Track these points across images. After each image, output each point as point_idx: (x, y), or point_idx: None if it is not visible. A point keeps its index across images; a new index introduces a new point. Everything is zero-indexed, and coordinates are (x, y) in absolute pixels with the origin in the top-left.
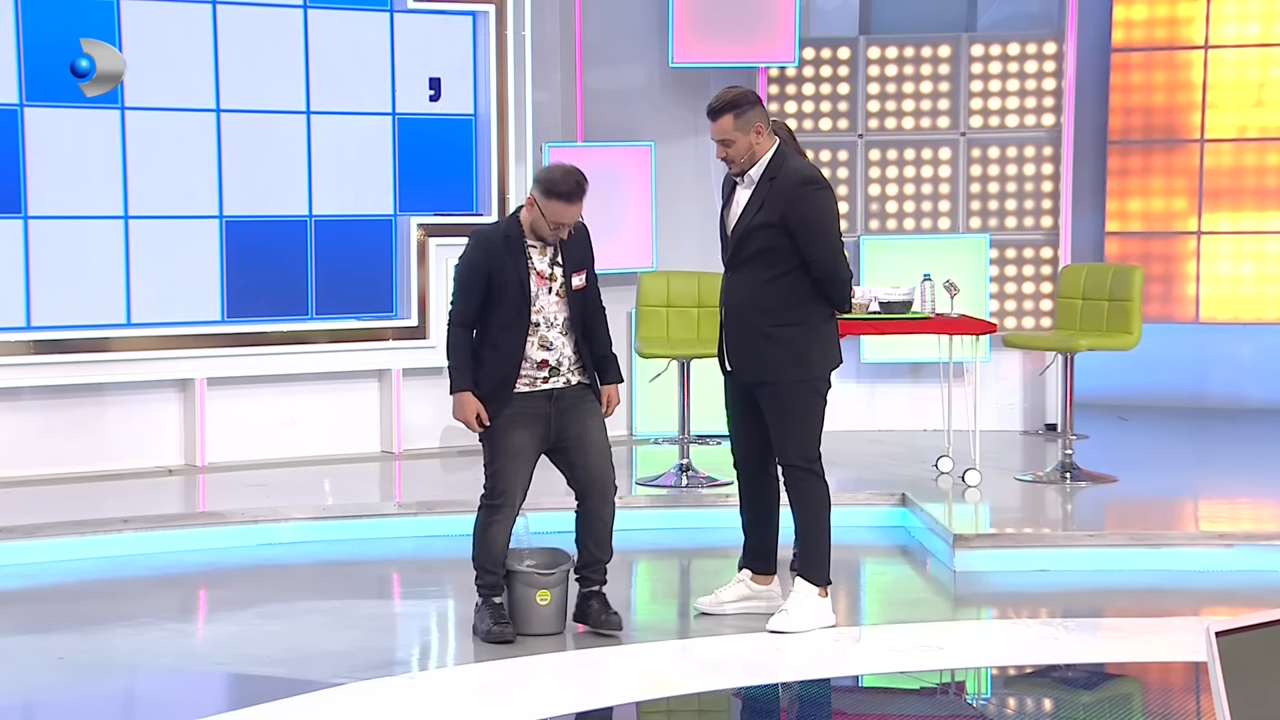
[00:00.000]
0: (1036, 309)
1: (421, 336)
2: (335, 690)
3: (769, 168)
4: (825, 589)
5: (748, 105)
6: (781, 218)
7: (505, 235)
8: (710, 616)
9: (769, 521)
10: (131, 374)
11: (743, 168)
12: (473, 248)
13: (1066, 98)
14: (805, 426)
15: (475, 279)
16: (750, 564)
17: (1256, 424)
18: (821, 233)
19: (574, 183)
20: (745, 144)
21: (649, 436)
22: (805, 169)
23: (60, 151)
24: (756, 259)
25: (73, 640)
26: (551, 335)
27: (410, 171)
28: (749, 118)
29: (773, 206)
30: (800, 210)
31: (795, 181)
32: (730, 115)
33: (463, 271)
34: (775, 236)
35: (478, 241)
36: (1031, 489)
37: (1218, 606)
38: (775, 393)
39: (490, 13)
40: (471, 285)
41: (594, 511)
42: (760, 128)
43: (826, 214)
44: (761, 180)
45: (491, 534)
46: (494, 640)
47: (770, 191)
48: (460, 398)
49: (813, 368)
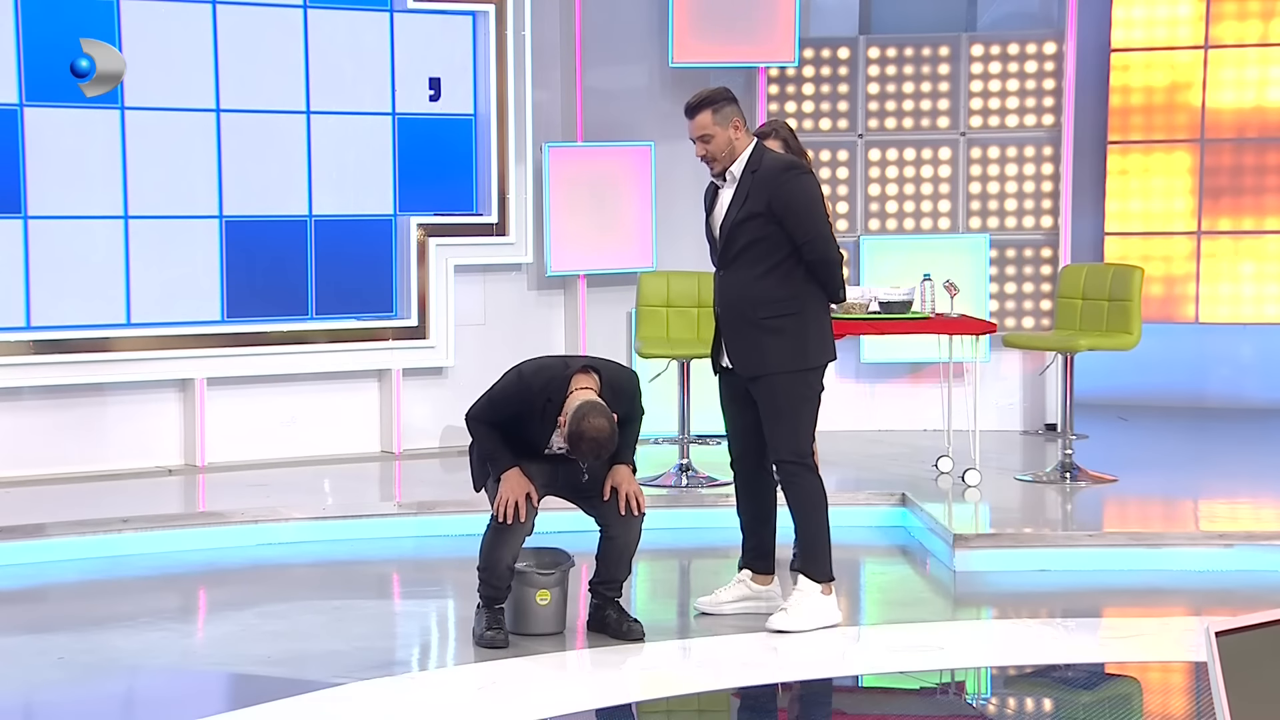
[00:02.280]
0: (1036, 309)
1: (421, 336)
2: (335, 690)
3: (749, 162)
4: (828, 586)
5: (724, 101)
6: (768, 206)
7: (548, 399)
8: (710, 617)
9: (766, 520)
10: (131, 374)
11: (723, 165)
12: (517, 390)
13: (1066, 98)
14: (798, 421)
15: (504, 410)
16: (750, 564)
17: (1256, 424)
18: (809, 215)
19: (592, 444)
20: (725, 139)
21: (649, 436)
22: (785, 158)
23: (60, 151)
24: (747, 252)
25: (73, 640)
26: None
27: (410, 171)
28: (726, 113)
29: (758, 196)
30: (785, 195)
31: (778, 168)
32: (708, 111)
33: (499, 394)
34: (763, 226)
35: (523, 388)
36: (1031, 489)
37: (1218, 606)
38: (770, 386)
39: (490, 13)
40: (499, 413)
41: (616, 535)
42: (738, 123)
43: (811, 195)
44: (744, 175)
45: (499, 553)
46: (486, 645)
47: (754, 183)
48: (510, 475)
49: (809, 358)
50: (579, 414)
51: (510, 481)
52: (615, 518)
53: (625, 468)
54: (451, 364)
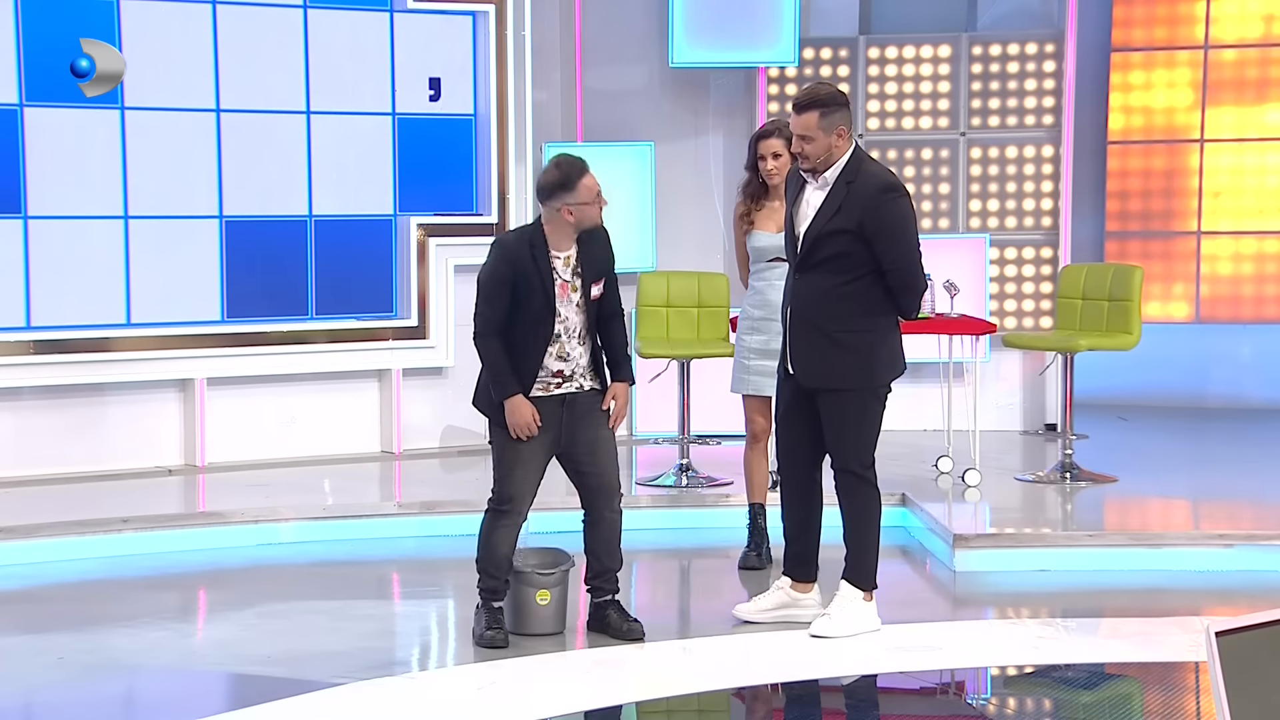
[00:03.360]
0: (1036, 309)
1: (421, 336)
2: (335, 690)
3: (845, 171)
4: (870, 594)
5: (836, 106)
6: (859, 225)
7: (530, 244)
8: (710, 618)
9: (810, 527)
10: (131, 374)
11: (815, 167)
12: (497, 257)
13: (1066, 98)
14: (863, 433)
15: (501, 288)
16: (790, 571)
17: (1256, 424)
18: (901, 241)
19: (576, 159)
20: (825, 144)
21: (649, 436)
22: (884, 174)
23: (60, 151)
24: (828, 264)
25: (73, 640)
26: (570, 345)
27: (410, 171)
28: (834, 119)
29: (850, 212)
30: (881, 218)
31: (875, 188)
32: (816, 113)
33: (487, 281)
34: (850, 243)
35: (502, 251)
36: (1031, 489)
37: (1218, 606)
38: (837, 399)
39: (490, 13)
40: (497, 294)
41: (600, 517)
42: (843, 131)
43: (906, 222)
44: (837, 183)
45: (497, 538)
46: (486, 645)
47: (847, 196)
48: (513, 403)
49: (876, 376)
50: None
51: (517, 409)
52: (598, 491)
53: (625, 386)
54: (451, 364)
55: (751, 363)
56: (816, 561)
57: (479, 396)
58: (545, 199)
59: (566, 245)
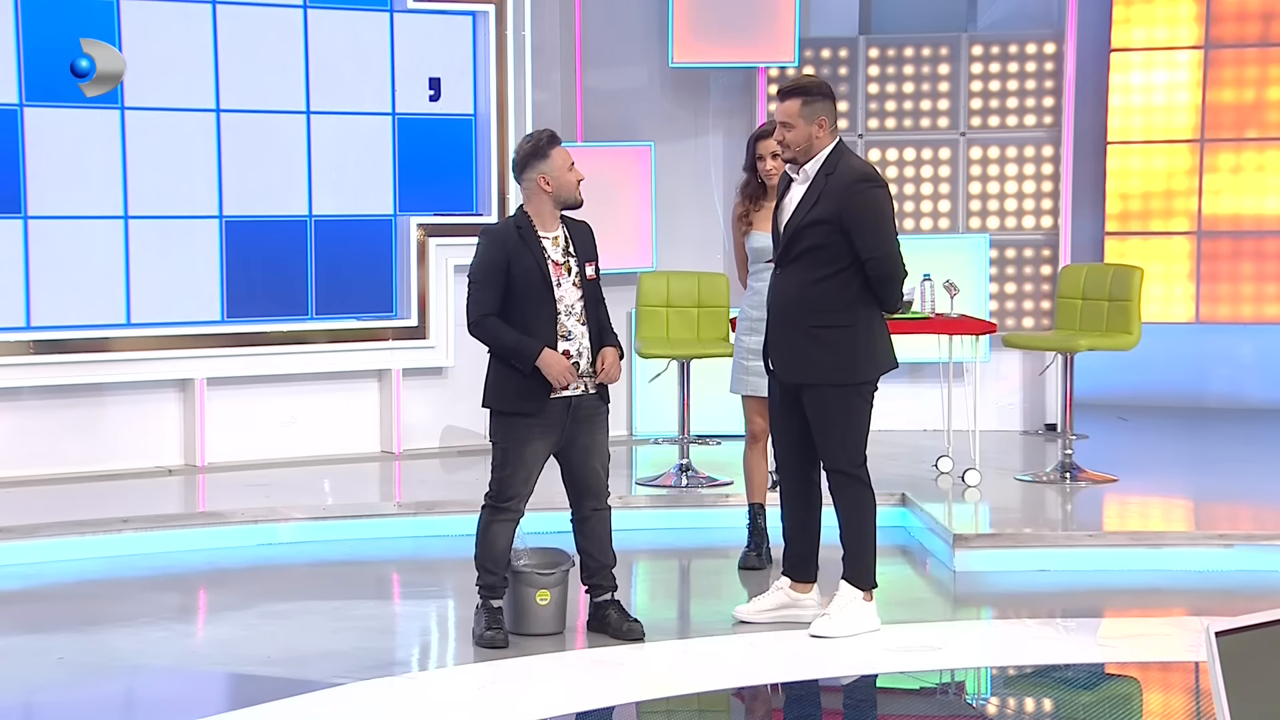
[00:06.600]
0: (1036, 309)
1: (421, 337)
2: (335, 690)
3: (825, 164)
4: (870, 593)
5: (819, 96)
6: (836, 215)
7: (517, 228)
8: (710, 620)
9: (808, 528)
10: (131, 374)
11: (795, 157)
12: (487, 244)
13: (1066, 98)
14: (849, 431)
15: (494, 274)
16: (790, 571)
17: (1256, 424)
18: (878, 231)
19: (546, 131)
20: (805, 133)
21: (649, 436)
22: (861, 166)
23: (60, 151)
24: (807, 256)
25: (73, 640)
26: (570, 324)
27: (410, 171)
28: (816, 108)
29: (828, 203)
30: (856, 208)
31: (851, 178)
32: (799, 100)
33: (480, 269)
34: (828, 234)
35: (491, 238)
36: (1031, 489)
37: (1218, 606)
38: (819, 396)
39: (490, 13)
40: (491, 280)
41: (587, 515)
42: (824, 122)
43: (883, 212)
44: (817, 176)
45: (494, 533)
46: (486, 645)
47: (825, 188)
48: (545, 359)
49: (858, 372)
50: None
51: (553, 362)
52: (586, 488)
53: (614, 350)
54: (451, 364)
55: (750, 363)
56: (816, 562)
57: (489, 395)
58: (521, 173)
59: (553, 225)
